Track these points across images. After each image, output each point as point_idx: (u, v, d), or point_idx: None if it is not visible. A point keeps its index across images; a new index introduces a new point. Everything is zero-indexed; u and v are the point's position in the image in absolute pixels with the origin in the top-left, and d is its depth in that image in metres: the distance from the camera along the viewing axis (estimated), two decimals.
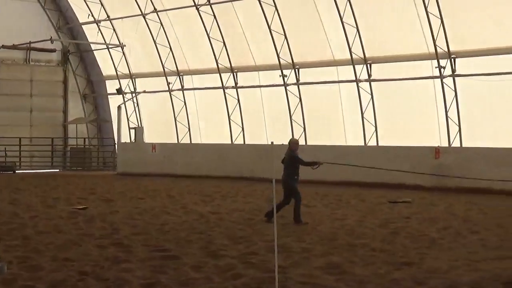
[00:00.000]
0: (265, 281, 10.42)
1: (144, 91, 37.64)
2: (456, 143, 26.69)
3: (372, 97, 28.99)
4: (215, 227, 15.95)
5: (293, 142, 17.33)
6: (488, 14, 25.13)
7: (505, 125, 25.82)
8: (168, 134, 36.46)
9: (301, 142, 31.25)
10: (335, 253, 12.68)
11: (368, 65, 28.86)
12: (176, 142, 35.90)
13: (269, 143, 29.12)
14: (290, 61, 31.04)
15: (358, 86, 29.17)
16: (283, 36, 30.78)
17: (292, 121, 31.49)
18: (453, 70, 26.49)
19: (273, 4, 30.45)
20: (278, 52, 31.13)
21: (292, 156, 16.92)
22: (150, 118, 38.28)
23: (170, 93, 36.33)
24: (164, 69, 36.09)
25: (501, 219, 17.54)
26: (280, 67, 31.34)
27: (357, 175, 26.74)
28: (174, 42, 35.34)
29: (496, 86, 25.48)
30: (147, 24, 35.82)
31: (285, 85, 31.55)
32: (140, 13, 35.72)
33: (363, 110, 29.17)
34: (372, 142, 29.05)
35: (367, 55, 28.71)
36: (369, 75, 28.91)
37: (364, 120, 29.23)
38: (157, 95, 37.33)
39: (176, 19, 34.90)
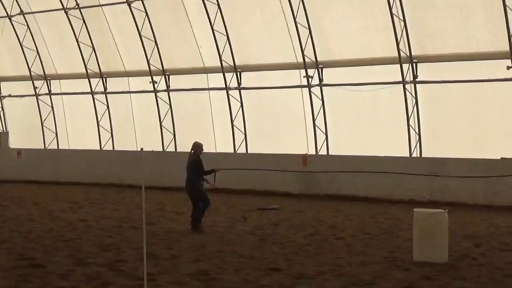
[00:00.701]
0: None
1: (10, 95, 36.58)
2: (323, 151, 27.32)
3: (242, 105, 29.26)
4: (83, 235, 15.70)
5: (197, 146, 17.12)
6: (354, 27, 25.85)
7: (369, 134, 26.63)
8: (35, 139, 35.57)
9: (171, 149, 31.24)
10: (204, 260, 12.74)
11: (238, 73, 29.13)
12: (43, 147, 35.07)
13: (139, 149, 28.94)
14: (161, 68, 30.93)
15: (228, 94, 29.38)
16: (154, 42, 30.65)
17: (163, 127, 31.37)
18: (321, 80, 27.10)
19: (144, 10, 30.28)
20: (148, 58, 30.96)
21: (197, 160, 16.85)
22: (16, 123, 37.23)
23: (37, 97, 35.47)
24: (30, 73, 35.21)
25: (366, 225, 18.08)
26: (150, 73, 31.18)
27: (226, 182, 26.93)
28: (41, 45, 34.54)
29: (362, 96, 26.27)
30: (13, 27, 34.84)
31: (155, 91, 31.40)
32: (6, 14, 34.72)
33: (233, 118, 29.41)
34: (241, 150, 29.32)
35: (237, 63, 28.97)
36: (239, 83, 29.17)
37: (234, 127, 29.46)
38: (23, 99, 36.35)
39: (44, 22, 34.11)
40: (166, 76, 31.14)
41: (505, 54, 22.94)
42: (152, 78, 31.29)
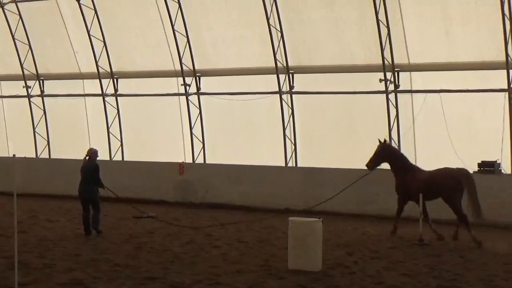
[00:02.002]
0: None
1: None
2: (200, 160, 27.33)
3: (118, 112, 28.93)
4: None
5: (93, 152, 17.94)
6: (232, 36, 26.02)
7: (246, 143, 26.83)
8: None
9: (45, 155, 30.53)
10: (78, 269, 12.51)
11: (115, 79, 28.80)
12: None
13: (11, 155, 28.17)
14: (35, 72, 30.21)
15: (104, 101, 28.99)
16: (28, 46, 29.92)
17: (36, 134, 30.63)
18: (198, 88, 27.14)
19: (18, 13, 29.52)
20: (22, 63, 30.20)
21: (96, 166, 17.49)
22: None
23: None
24: None
25: (241, 233, 18.20)
26: (24, 77, 30.41)
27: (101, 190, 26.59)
28: None
29: (240, 105, 26.46)
30: None
31: (28, 96, 30.64)
32: None
33: (109, 125, 29.03)
34: (117, 157, 28.98)
35: (114, 70, 28.63)
36: (116, 90, 28.83)
37: (110, 134, 29.09)
38: None
39: None
40: (41, 81, 30.44)
41: (378, 67, 23.64)
42: (25, 83, 30.52)
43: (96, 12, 27.95)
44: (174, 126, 28.09)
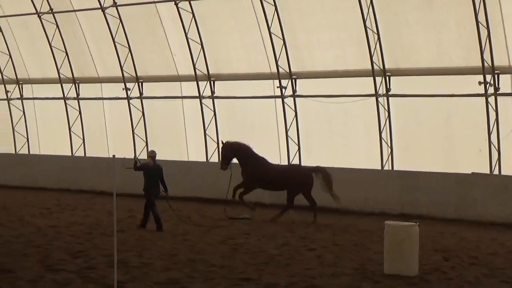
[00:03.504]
0: None
1: None
2: (295, 162, 27.34)
3: (215, 114, 29.24)
4: (53, 241, 15.58)
5: (156, 154, 18.99)
6: (328, 38, 25.96)
7: (341, 145, 26.71)
8: (5, 144, 35.26)
9: (143, 156, 31.10)
10: (175, 269, 12.69)
11: (212, 82, 29.12)
12: (13, 152, 34.78)
13: (111, 156, 28.81)
14: (134, 74, 30.83)
15: (201, 103, 29.35)
16: (128, 49, 30.56)
17: (135, 135, 31.26)
18: (294, 91, 27.17)
19: (118, 17, 30.19)
20: (122, 65, 30.86)
21: (161, 168, 18.54)
22: None
23: (8, 102, 35.20)
24: (2, 77, 34.95)
25: (337, 236, 18.12)
26: (124, 80, 31.08)
27: (198, 190, 26.94)
28: (14, 49, 34.29)
29: (335, 107, 26.37)
30: None
31: (128, 98, 31.29)
32: None
33: (206, 127, 29.38)
34: (214, 159, 29.27)
35: (211, 72, 28.96)
36: (213, 92, 29.16)
37: (207, 136, 29.44)
38: None
39: (17, 26, 33.89)
40: (140, 83, 31.05)
41: (477, 70, 23.16)
42: (125, 85, 31.18)
43: (193, 15, 28.33)
44: (270, 128, 28.20)
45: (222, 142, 21.90)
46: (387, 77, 25.13)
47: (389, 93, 25.22)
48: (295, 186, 21.14)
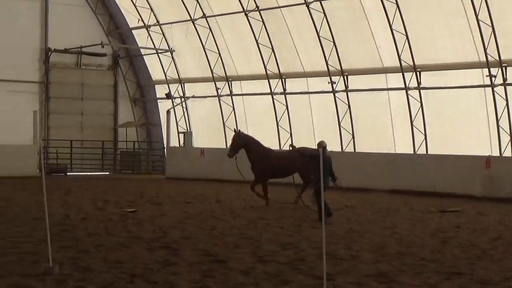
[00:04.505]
0: None
1: (193, 96, 37.85)
2: (507, 153, 26.34)
3: (421, 105, 28.77)
4: (264, 233, 15.96)
5: (326, 145, 19.00)
6: None
7: None
8: (217, 139, 36.60)
9: (350, 149, 31.19)
10: (383, 261, 12.60)
11: (418, 72, 28.66)
12: (225, 147, 36.00)
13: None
14: (339, 68, 30.95)
15: (407, 94, 28.97)
16: (332, 43, 30.73)
17: (341, 128, 31.38)
18: (504, 79, 26.16)
19: (322, 11, 30.42)
20: (327, 59, 31.07)
21: (330, 158, 18.68)
22: (199, 123, 38.47)
23: (218, 98, 36.50)
24: (213, 74, 36.27)
25: None
26: (329, 73, 31.29)
27: (406, 183, 26.58)
28: (222, 47, 35.50)
29: None
30: (196, 29, 36.05)
31: (333, 91, 31.48)
32: (189, 18, 35.97)
33: (413, 118, 28.95)
34: (421, 151, 28.80)
35: (416, 63, 28.50)
36: (419, 83, 28.69)
37: (414, 128, 29.01)
38: (206, 100, 37.52)
39: (225, 25, 35.07)
40: (344, 77, 31.12)
41: None
42: (330, 79, 31.38)
43: (398, 6, 28.00)
44: (479, 118, 27.33)
45: (235, 130, 22.93)
46: None
47: None
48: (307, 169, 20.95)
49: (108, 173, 38.88)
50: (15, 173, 32.45)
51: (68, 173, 37.11)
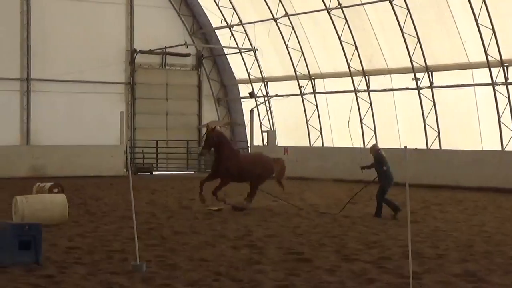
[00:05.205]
0: (400, 287, 10.31)
1: (276, 95, 37.93)
2: None
3: (509, 101, 28.13)
4: (349, 231, 15.89)
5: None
6: None
7: None
8: (300, 137, 36.59)
9: (435, 146, 30.73)
10: (471, 260, 12.39)
11: (505, 67, 28.03)
12: (308, 145, 35.97)
13: (402, 147, 28.72)
14: (423, 64, 30.54)
15: (494, 90, 28.37)
16: (416, 39, 30.34)
17: (426, 125, 30.95)
18: None
19: (406, 7, 30.06)
20: (411, 55, 30.69)
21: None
22: (282, 121, 38.53)
23: (302, 96, 36.47)
24: (296, 73, 36.28)
25: None
26: (413, 70, 30.90)
27: (494, 180, 26.05)
28: (305, 45, 35.47)
29: None
30: (279, 28, 36.11)
31: (418, 88, 31.07)
32: (272, 17, 36.05)
33: (500, 114, 28.33)
34: (509, 147, 28.16)
35: (503, 57, 27.89)
36: (506, 78, 28.07)
37: (501, 124, 28.38)
38: (289, 99, 37.55)
39: (308, 23, 35.01)
40: (429, 73, 30.68)
41: None
42: (414, 75, 31.00)
43: (484, 0, 27.45)
44: None
45: (208, 126, 21.43)
46: None
47: None
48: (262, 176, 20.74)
49: (193, 172, 39.30)
50: (102, 173, 33.19)
51: (154, 173, 37.68)
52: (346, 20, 32.70)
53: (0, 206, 19.95)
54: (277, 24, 36.10)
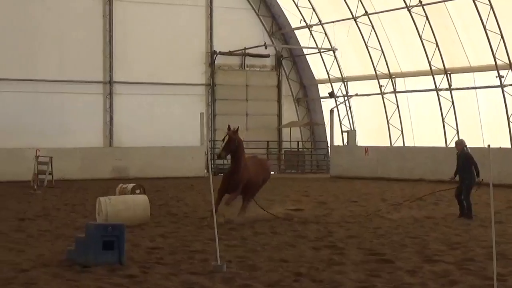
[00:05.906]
0: None
1: (356, 94, 37.70)
2: None
3: None
4: (430, 232, 15.66)
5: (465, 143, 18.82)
6: None
7: None
8: (381, 137, 36.27)
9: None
10: None
11: None
12: (389, 145, 35.62)
13: (485, 146, 28.19)
14: (507, 61, 29.91)
15: None
16: (499, 35, 29.73)
17: (510, 123, 30.31)
18: None
19: (488, 3, 29.49)
20: (494, 52, 30.09)
21: (470, 156, 18.44)
22: (362, 121, 38.27)
23: (382, 96, 36.16)
24: (376, 72, 35.98)
25: None
26: (496, 67, 30.29)
27: None
28: (385, 44, 35.15)
29: None
30: (358, 27, 35.89)
31: (502, 86, 30.45)
32: (351, 16, 35.85)
33: None
34: None
35: None
36: None
37: None
38: (369, 98, 37.28)
39: (387, 21, 34.69)
40: None
41: None
42: (498, 73, 30.39)
43: None
44: None
45: (229, 127, 18.28)
46: None
47: None
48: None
49: (273, 172, 39.34)
50: (184, 174, 33.53)
51: None
52: (427, 18, 32.27)
53: (84, 207, 20.36)
54: (356, 23, 35.88)
